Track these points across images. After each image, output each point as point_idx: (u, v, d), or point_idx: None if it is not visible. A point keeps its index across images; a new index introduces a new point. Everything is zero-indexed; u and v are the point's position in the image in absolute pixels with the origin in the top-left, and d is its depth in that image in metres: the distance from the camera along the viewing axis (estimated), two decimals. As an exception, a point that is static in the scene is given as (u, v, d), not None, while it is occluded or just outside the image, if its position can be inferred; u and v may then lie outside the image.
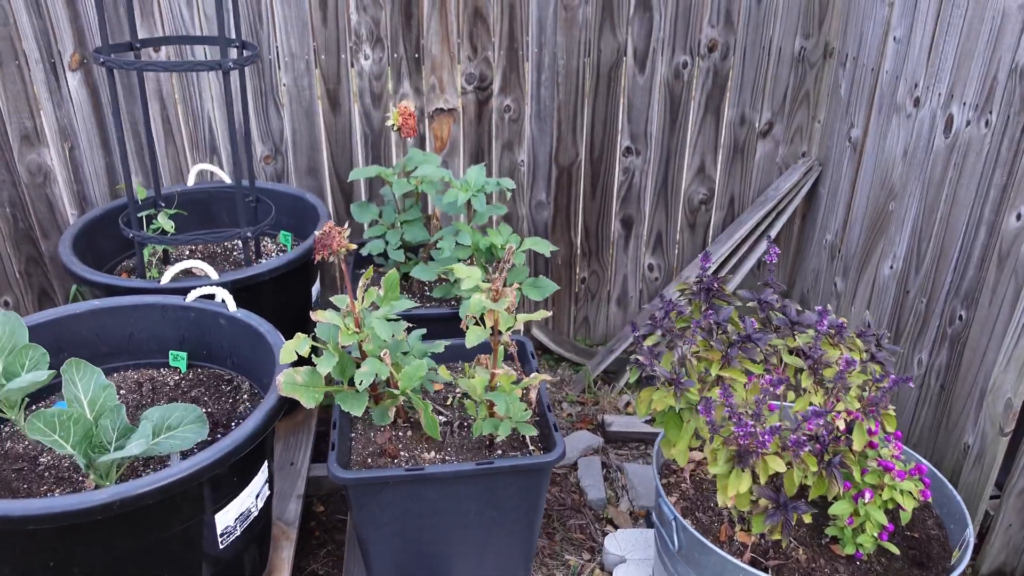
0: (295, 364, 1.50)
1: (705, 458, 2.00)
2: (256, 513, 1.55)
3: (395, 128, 2.11)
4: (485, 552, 1.64)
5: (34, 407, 1.74)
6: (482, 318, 1.50)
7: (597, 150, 2.98)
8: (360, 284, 1.53)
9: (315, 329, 1.55)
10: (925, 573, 1.76)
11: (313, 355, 1.50)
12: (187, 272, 1.95)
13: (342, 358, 1.49)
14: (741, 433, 1.32)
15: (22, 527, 1.21)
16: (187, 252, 2.39)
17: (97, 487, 1.51)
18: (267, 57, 2.70)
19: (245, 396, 1.76)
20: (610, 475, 2.53)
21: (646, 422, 1.77)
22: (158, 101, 2.71)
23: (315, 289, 2.23)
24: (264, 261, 2.05)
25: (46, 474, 1.55)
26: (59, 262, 2.84)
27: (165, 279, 1.86)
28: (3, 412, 1.52)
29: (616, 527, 2.30)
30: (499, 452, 1.65)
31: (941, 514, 1.89)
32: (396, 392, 1.52)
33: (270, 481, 1.61)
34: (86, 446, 1.42)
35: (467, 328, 1.52)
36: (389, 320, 1.49)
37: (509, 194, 2.15)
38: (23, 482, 1.52)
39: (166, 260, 2.31)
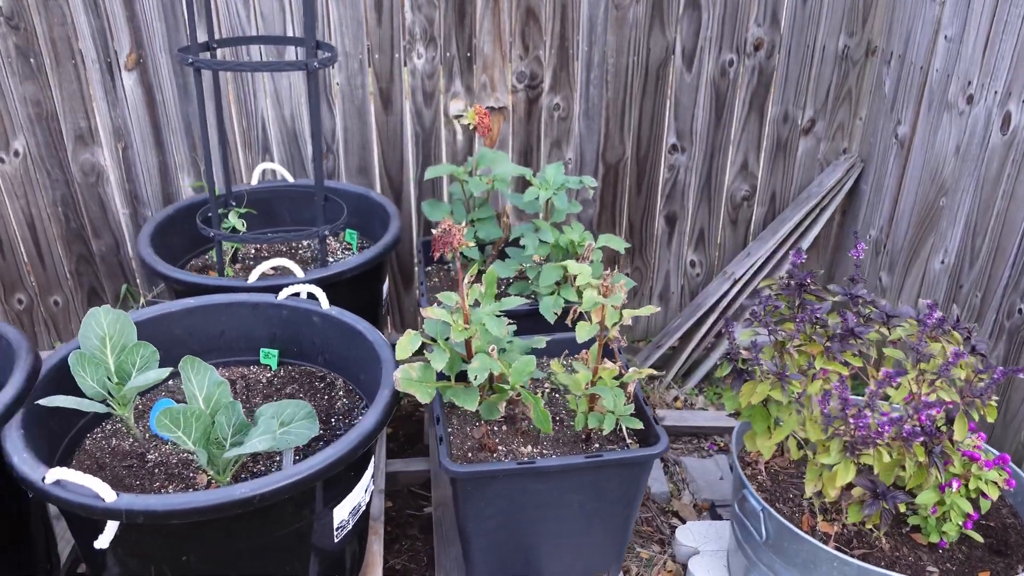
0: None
1: (780, 450, 2.04)
2: (363, 507, 1.57)
3: (471, 126, 2.14)
4: (583, 543, 1.67)
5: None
6: (582, 315, 1.52)
7: (643, 148, 3.02)
8: (464, 280, 1.55)
9: (423, 325, 1.57)
10: (1005, 560, 1.80)
11: (424, 351, 1.52)
12: (267, 271, 1.97)
13: (452, 354, 1.52)
14: (859, 424, 1.35)
15: (165, 521, 1.23)
16: (252, 251, 2.40)
17: (209, 483, 1.53)
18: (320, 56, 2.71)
19: (341, 393, 1.78)
20: (669, 469, 2.57)
21: (730, 415, 1.81)
22: (212, 100, 2.71)
23: (385, 287, 2.25)
24: (346, 258, 2.06)
25: (156, 471, 1.57)
26: (108, 262, 2.84)
27: (253, 277, 1.87)
28: (113, 409, 1.54)
29: (682, 519, 2.34)
30: (596, 446, 1.68)
31: (1014, 503, 1.94)
32: (506, 387, 1.55)
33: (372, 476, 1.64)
34: (205, 441, 1.44)
35: (572, 323, 1.54)
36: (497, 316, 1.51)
37: (592, 192, 2.17)
38: (135, 479, 1.54)
39: (234, 259, 2.33)
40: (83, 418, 1.63)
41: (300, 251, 2.41)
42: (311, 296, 1.83)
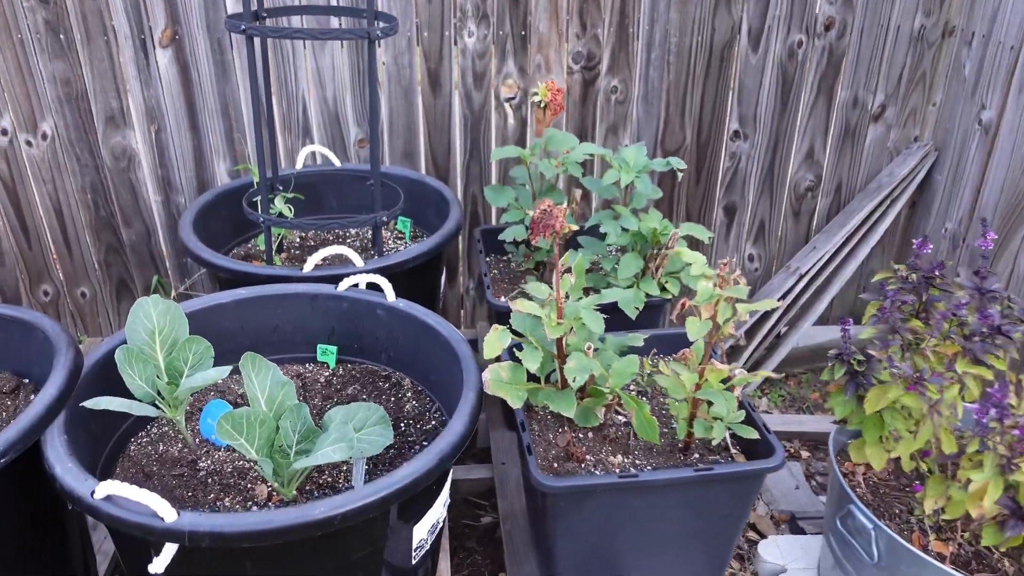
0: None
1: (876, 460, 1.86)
2: (440, 524, 1.40)
3: (541, 104, 1.96)
4: (681, 564, 1.50)
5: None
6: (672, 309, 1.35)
7: (704, 134, 2.84)
8: (555, 271, 1.38)
9: (511, 320, 1.40)
10: None
11: (515, 350, 1.35)
12: (323, 260, 1.80)
13: (544, 353, 1.35)
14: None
15: (233, 544, 1.06)
16: (297, 239, 2.24)
17: (270, 496, 1.36)
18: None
19: (408, 394, 1.61)
20: (739, 476, 2.39)
21: (835, 423, 1.63)
22: (251, 79, 2.54)
23: (442, 278, 2.08)
24: (399, 247, 1.89)
25: (209, 480, 1.40)
26: (139, 251, 2.69)
27: (308, 266, 1.70)
28: (163, 412, 1.37)
29: (760, 533, 2.16)
30: (696, 455, 1.51)
31: None
32: (604, 390, 1.38)
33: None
34: (268, 449, 1.27)
35: (677, 318, 1.37)
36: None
37: (681, 174, 1.98)
38: (187, 489, 1.38)
39: (280, 248, 2.16)
40: (127, 420, 1.47)
41: (348, 239, 2.24)
42: (370, 287, 1.66)
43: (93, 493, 1.11)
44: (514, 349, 1.36)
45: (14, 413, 1.44)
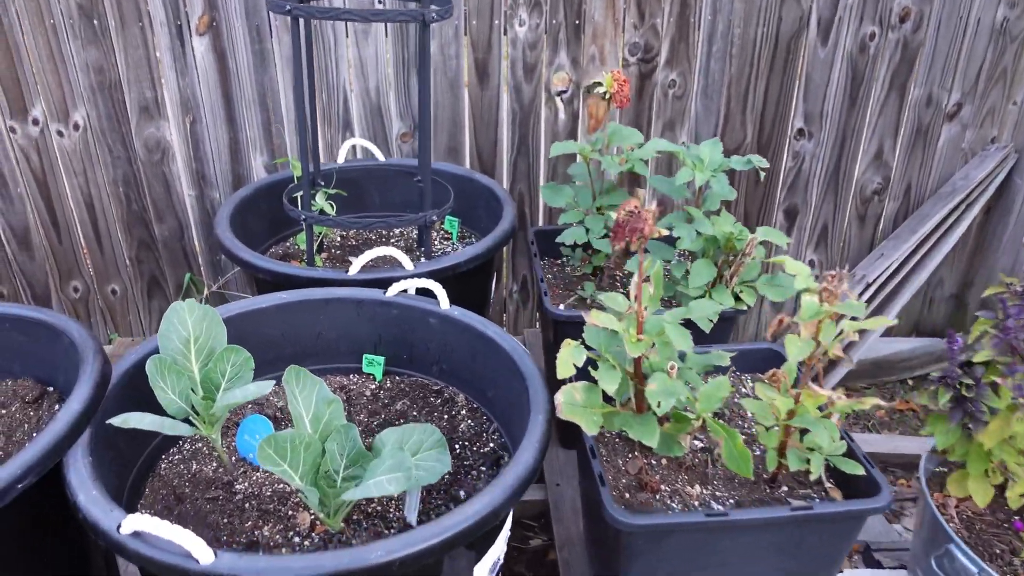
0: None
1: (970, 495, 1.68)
2: (501, 560, 1.25)
3: (606, 96, 1.81)
4: (763, 609, 1.34)
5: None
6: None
7: (767, 132, 2.66)
8: (633, 280, 1.23)
9: (583, 334, 1.25)
10: None
11: (590, 368, 1.20)
12: (369, 262, 1.66)
13: (622, 372, 1.20)
14: None
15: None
16: (338, 239, 2.10)
17: (314, 525, 1.22)
18: (413, 23, 2.40)
19: (463, 412, 1.46)
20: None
21: (934, 452, 1.46)
22: (291, 69, 2.42)
23: (492, 283, 1.93)
24: (446, 248, 1.74)
25: (246, 505, 1.27)
26: (171, 248, 2.58)
27: (354, 269, 1.57)
28: (197, 429, 1.24)
29: (833, 564, 1.99)
30: (784, 489, 1.35)
31: None
32: (690, 416, 1.22)
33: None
34: (313, 475, 1.14)
35: (773, 336, 1.21)
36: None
37: (763, 173, 1.82)
38: (222, 515, 1.24)
39: (320, 247, 2.03)
40: (158, 436, 1.34)
41: (392, 239, 2.11)
42: (419, 292, 1.52)
43: (119, 527, 0.97)
44: (588, 367, 1.21)
45: (36, 426, 1.32)
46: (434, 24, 2.02)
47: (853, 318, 1.14)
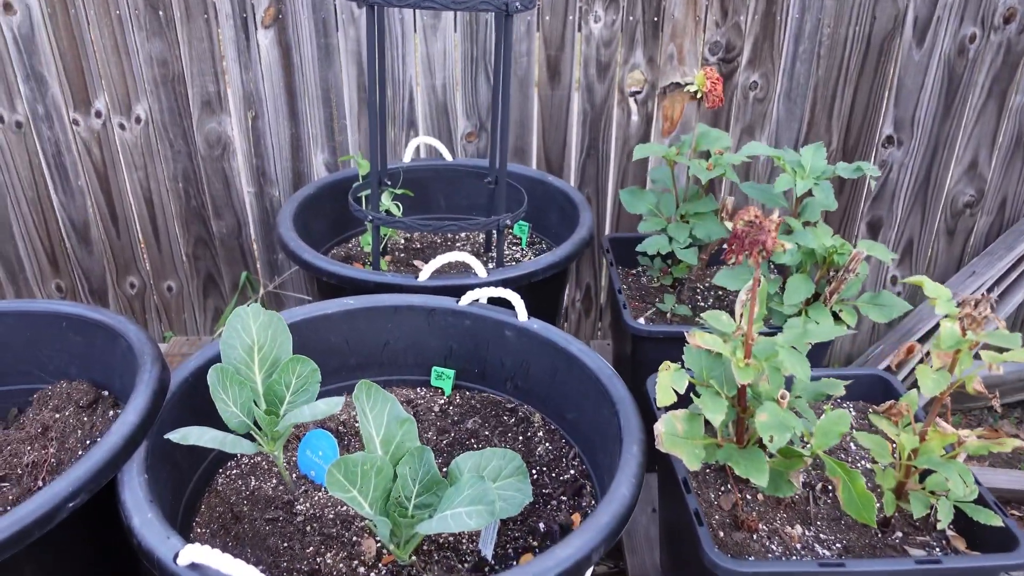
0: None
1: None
2: (582, 600, 1.13)
3: (698, 95, 1.68)
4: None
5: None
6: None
7: (853, 138, 2.50)
8: (739, 297, 1.10)
9: (684, 357, 1.13)
10: None
11: (692, 395, 1.08)
12: (440, 268, 1.56)
13: (728, 400, 1.07)
14: None
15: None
16: (402, 242, 2.01)
17: (380, 555, 1.12)
18: (484, 17, 2.31)
19: (540, 433, 1.35)
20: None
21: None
22: (355, 64, 2.35)
23: (564, 294, 1.82)
24: (531, 255, 1.63)
25: (307, 528, 1.17)
26: (228, 246, 2.52)
27: (424, 275, 1.47)
28: (260, 446, 1.15)
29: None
30: (898, 535, 1.21)
31: None
32: (803, 452, 1.09)
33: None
34: (383, 503, 1.03)
35: (896, 366, 1.07)
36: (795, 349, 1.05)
37: (875, 182, 1.67)
38: (281, 538, 1.15)
39: (383, 251, 1.94)
40: (215, 450, 1.25)
41: (458, 243, 2.01)
42: (492, 302, 1.41)
43: (176, 558, 0.88)
44: (691, 395, 1.08)
45: (90, 431, 1.24)
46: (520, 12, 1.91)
47: (999, 349, 1.00)
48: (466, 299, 1.41)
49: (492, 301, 1.44)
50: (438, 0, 1.40)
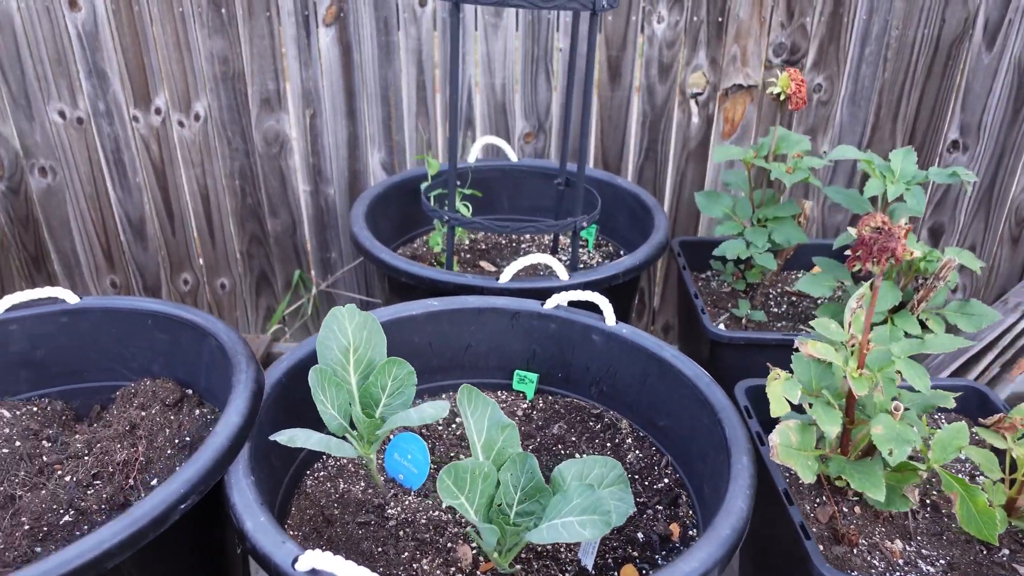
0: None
1: None
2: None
3: (781, 96, 1.65)
4: None
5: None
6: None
7: (917, 143, 2.46)
8: (851, 302, 1.07)
9: (792, 365, 1.10)
10: None
11: (805, 406, 1.05)
12: (520, 271, 1.53)
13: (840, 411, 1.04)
14: None
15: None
16: (467, 242, 1.99)
17: (477, 562, 1.10)
18: (546, 16, 2.28)
19: (628, 440, 1.33)
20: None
21: None
22: (415, 63, 2.33)
23: (635, 298, 1.79)
24: (620, 258, 1.60)
25: (400, 533, 1.16)
26: (283, 244, 2.52)
27: (505, 277, 1.45)
28: (355, 449, 1.13)
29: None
30: (1004, 552, 1.17)
31: None
32: (919, 466, 1.06)
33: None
34: (486, 510, 1.01)
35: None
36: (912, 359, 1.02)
37: (970, 188, 1.63)
38: (375, 543, 1.13)
39: (449, 250, 1.92)
40: (303, 451, 1.24)
41: (523, 243, 1.98)
42: (572, 305, 1.39)
43: (295, 563, 0.87)
44: (804, 405, 1.05)
45: (178, 431, 1.24)
46: (604, 12, 1.89)
47: None
48: (551, 302, 1.38)
49: (572, 304, 1.42)
50: (528, 0, 1.38)
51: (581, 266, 1.69)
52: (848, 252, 1.06)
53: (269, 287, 2.65)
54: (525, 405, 1.43)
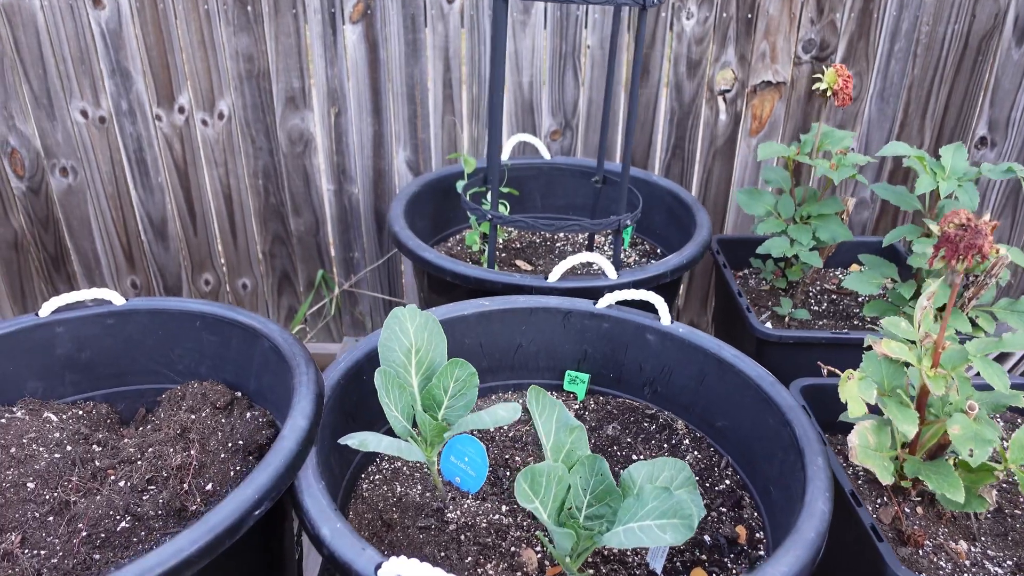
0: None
1: None
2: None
3: (828, 92, 1.63)
4: None
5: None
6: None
7: (945, 139, 2.44)
8: (923, 299, 1.05)
9: (863, 365, 1.08)
10: None
11: (880, 405, 1.03)
12: (570, 269, 1.52)
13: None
14: None
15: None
16: (502, 240, 1.97)
17: (543, 566, 1.08)
18: (575, 13, 2.26)
19: (686, 442, 1.31)
20: None
21: None
22: (442, 60, 2.31)
23: (677, 299, 1.78)
24: (667, 258, 1.58)
25: (461, 537, 1.14)
26: (305, 243, 2.50)
27: (554, 276, 1.43)
28: (417, 446, 1.11)
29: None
30: (1074, 552, 1.16)
31: None
32: (995, 466, 1.05)
33: None
34: (557, 514, 1.00)
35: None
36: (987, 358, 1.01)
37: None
38: (437, 547, 1.11)
39: (481, 249, 1.90)
40: (358, 454, 1.22)
41: (558, 243, 1.97)
42: (622, 304, 1.37)
43: (378, 570, 0.85)
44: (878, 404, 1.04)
45: (231, 434, 1.21)
46: (646, 8, 1.87)
47: None
48: (604, 302, 1.37)
49: (622, 303, 1.40)
50: (577, -6, 1.36)
51: (648, 265, 1.67)
52: (918, 249, 1.05)
53: (291, 287, 2.62)
54: (577, 406, 1.42)
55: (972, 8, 2.27)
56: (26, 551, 1.02)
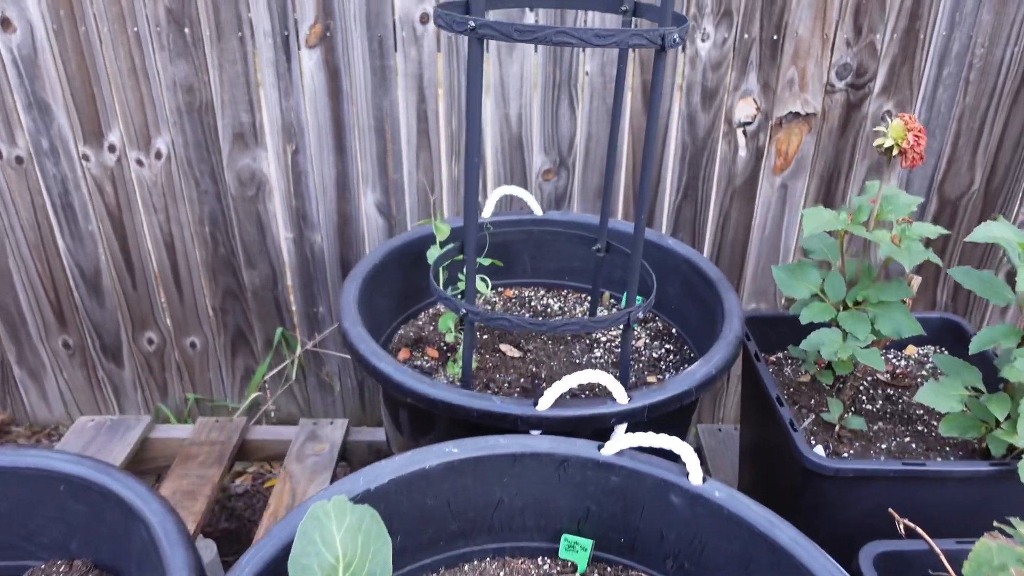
0: None
1: None
2: None
3: (892, 150, 1.29)
4: None
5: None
6: None
7: (999, 176, 2.12)
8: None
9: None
10: None
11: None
12: (568, 391, 1.18)
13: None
14: None
15: None
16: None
17: None
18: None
19: (722, 642, 0.98)
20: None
21: None
22: (416, 90, 1.97)
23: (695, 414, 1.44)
24: (690, 369, 1.23)
25: None
26: (261, 298, 2.17)
27: (545, 403, 1.09)
28: None
29: None
30: None
31: None
32: None
33: None
34: None
35: None
36: None
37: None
38: None
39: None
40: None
41: (555, 314, 1.63)
42: (640, 450, 1.04)
43: None
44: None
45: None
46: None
47: None
48: (612, 447, 1.03)
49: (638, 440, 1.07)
50: (574, 33, 1.03)
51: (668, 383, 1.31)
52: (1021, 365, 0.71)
53: (247, 346, 2.29)
54: (576, 578, 1.09)
55: (1035, 28, 1.94)
56: None
